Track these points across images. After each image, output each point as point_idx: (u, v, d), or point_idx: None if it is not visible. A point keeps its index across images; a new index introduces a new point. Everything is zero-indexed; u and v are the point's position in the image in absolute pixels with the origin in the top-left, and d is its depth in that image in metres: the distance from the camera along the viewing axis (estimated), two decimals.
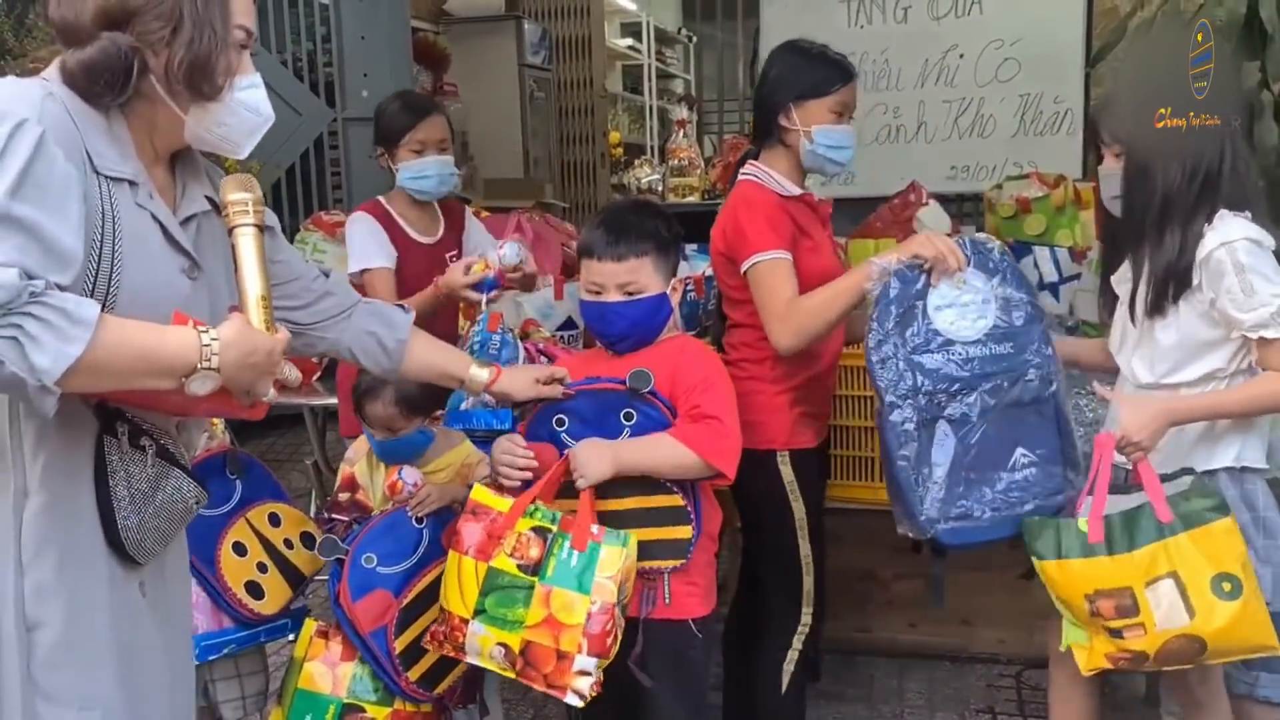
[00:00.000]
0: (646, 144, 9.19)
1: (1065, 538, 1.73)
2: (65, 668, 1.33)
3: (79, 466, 1.34)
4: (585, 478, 1.78)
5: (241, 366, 1.32)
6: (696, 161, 7.71)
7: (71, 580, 1.33)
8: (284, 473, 4.84)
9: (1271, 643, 1.68)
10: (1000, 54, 4.07)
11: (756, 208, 2.13)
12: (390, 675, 1.93)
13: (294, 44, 5.09)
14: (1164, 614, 1.65)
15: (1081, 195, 3.24)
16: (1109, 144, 1.91)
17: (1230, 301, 1.74)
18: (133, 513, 1.37)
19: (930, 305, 1.82)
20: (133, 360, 1.25)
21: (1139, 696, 2.75)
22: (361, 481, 2.21)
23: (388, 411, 2.08)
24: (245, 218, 1.43)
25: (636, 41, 8.95)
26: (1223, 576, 1.65)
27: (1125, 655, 1.70)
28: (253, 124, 1.45)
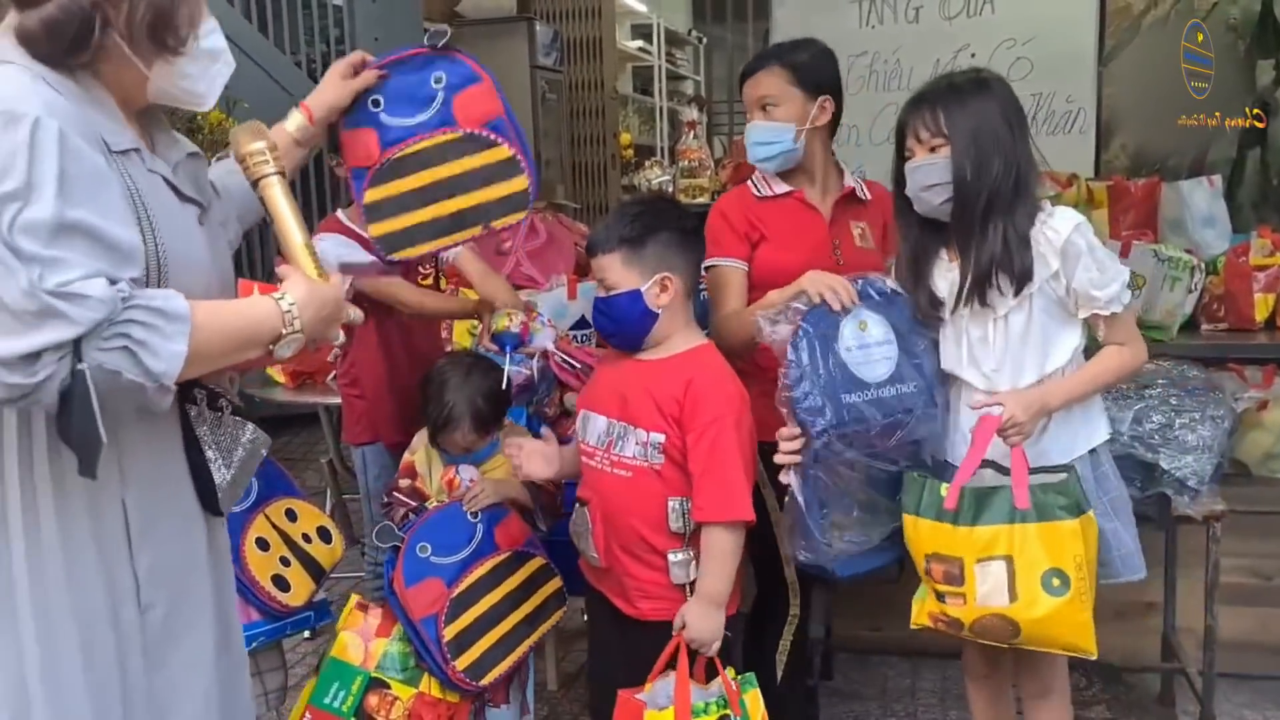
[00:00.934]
0: (657, 145, 9.20)
1: (927, 496, 1.79)
2: (180, 638, 1.37)
3: (168, 439, 1.36)
4: (705, 644, 1.83)
5: (318, 321, 1.36)
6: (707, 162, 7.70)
7: (178, 549, 1.37)
8: (299, 471, 4.86)
9: (1087, 646, 1.74)
10: (1012, 53, 4.07)
11: (717, 211, 2.22)
12: (438, 662, 1.97)
13: (308, 46, 5.11)
14: (986, 591, 1.72)
15: (1094, 194, 3.24)
16: (926, 139, 1.84)
17: (1089, 281, 1.79)
18: (225, 470, 1.41)
19: (841, 347, 1.83)
20: (227, 340, 1.27)
21: (1153, 696, 2.75)
22: (420, 470, 2.28)
23: (468, 439, 2.17)
24: (267, 166, 1.41)
25: (647, 43, 8.96)
26: (1054, 572, 1.70)
27: (944, 619, 1.78)
28: (216, 71, 1.40)
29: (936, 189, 1.84)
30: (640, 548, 1.89)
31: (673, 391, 1.85)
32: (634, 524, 1.89)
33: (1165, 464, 2.18)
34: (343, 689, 1.98)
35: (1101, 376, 1.86)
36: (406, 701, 1.99)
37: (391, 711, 1.98)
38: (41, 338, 1.10)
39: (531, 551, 2.18)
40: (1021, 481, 1.74)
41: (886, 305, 1.89)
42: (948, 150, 1.82)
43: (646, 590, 1.90)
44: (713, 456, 1.82)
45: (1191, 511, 2.21)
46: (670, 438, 1.85)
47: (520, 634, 2.11)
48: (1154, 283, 2.89)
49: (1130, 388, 2.34)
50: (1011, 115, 1.85)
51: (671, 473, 1.86)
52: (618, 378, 1.95)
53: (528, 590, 2.13)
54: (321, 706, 1.97)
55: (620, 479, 1.89)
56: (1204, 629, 2.34)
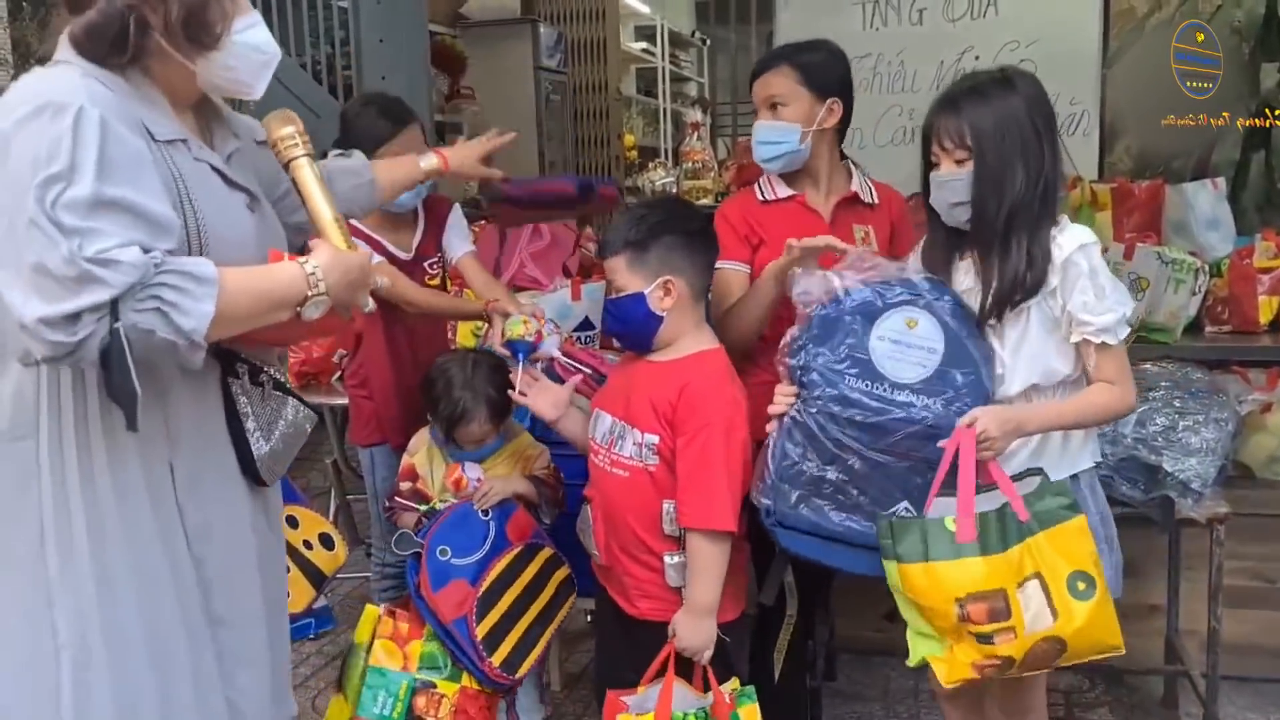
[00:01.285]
0: (661, 147, 9.20)
1: (933, 538, 1.65)
2: (229, 589, 1.48)
3: (212, 409, 1.47)
4: (695, 652, 1.84)
5: (344, 285, 1.44)
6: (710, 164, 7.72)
7: (224, 511, 1.48)
8: (303, 472, 4.86)
9: (1116, 642, 1.66)
10: (1016, 55, 4.05)
11: (721, 216, 2.21)
12: (474, 661, 2.01)
13: (313, 47, 5.11)
14: (1033, 616, 1.61)
15: (1098, 196, 3.24)
16: (951, 149, 1.78)
17: (1083, 305, 1.72)
18: (264, 441, 1.51)
19: (874, 331, 1.75)
20: (255, 301, 1.36)
21: (1156, 699, 2.75)
22: (421, 472, 2.29)
23: (484, 429, 2.18)
24: (298, 149, 1.53)
25: (651, 45, 8.97)
26: (1078, 575, 1.63)
27: (993, 662, 1.62)
28: (260, 62, 1.49)
29: (961, 207, 1.78)
30: (637, 548, 1.90)
31: (667, 394, 1.85)
32: (631, 524, 1.90)
33: (1169, 466, 2.18)
34: (390, 696, 2.00)
35: (1086, 413, 1.77)
36: (452, 698, 2.01)
37: (440, 709, 2.00)
38: (81, 300, 1.21)
39: (540, 543, 2.21)
40: (1012, 494, 1.67)
41: (951, 315, 1.77)
42: (972, 165, 1.76)
43: (645, 590, 1.91)
44: (698, 463, 1.82)
45: (1195, 514, 2.21)
46: (664, 440, 1.86)
47: (543, 623, 2.15)
48: (1158, 285, 2.89)
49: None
50: (1039, 119, 1.77)
51: (665, 475, 1.87)
52: (626, 378, 1.97)
53: (542, 580, 2.17)
54: (371, 716, 1.99)
55: (619, 478, 1.91)
56: (1207, 631, 2.34)
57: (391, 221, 2.56)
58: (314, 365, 3.45)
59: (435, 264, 2.61)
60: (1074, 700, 2.77)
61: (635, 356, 1.99)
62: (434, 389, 2.22)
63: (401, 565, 2.60)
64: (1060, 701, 2.77)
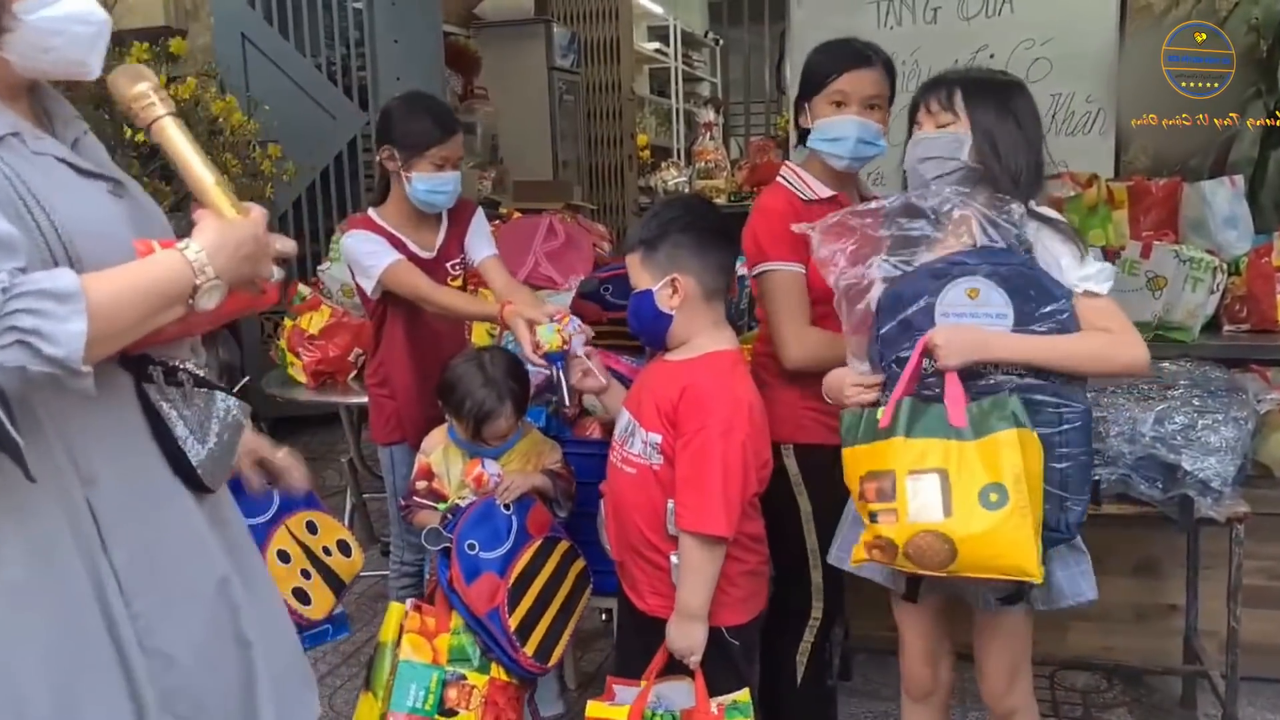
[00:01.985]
0: (674, 146, 9.22)
1: (863, 424, 1.69)
2: (167, 623, 1.31)
3: (129, 425, 1.30)
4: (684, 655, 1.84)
5: (238, 261, 1.28)
6: (723, 164, 7.74)
7: (167, 536, 1.32)
8: (319, 470, 4.88)
9: (1029, 567, 1.59)
10: (1031, 54, 4.04)
11: (769, 215, 2.15)
12: (508, 652, 2.02)
13: (328, 48, 5.13)
14: (918, 505, 1.60)
15: (1114, 195, 3.22)
16: (936, 111, 1.79)
17: (1065, 264, 1.73)
18: (200, 446, 1.36)
19: (938, 311, 1.71)
20: (135, 306, 1.19)
21: (1175, 699, 2.74)
22: (437, 470, 2.30)
23: (510, 424, 2.19)
24: (157, 108, 1.31)
25: (664, 45, 8.99)
26: (992, 486, 1.58)
27: (878, 543, 1.64)
28: (88, 35, 1.29)
29: (932, 162, 1.79)
30: (645, 545, 1.91)
31: (670, 394, 1.86)
32: (638, 521, 1.91)
33: (1188, 465, 2.17)
34: (421, 689, 2.00)
35: (1071, 352, 1.68)
36: (482, 689, 2.02)
37: (471, 701, 2.01)
38: None
39: (558, 535, 2.23)
40: (956, 401, 1.63)
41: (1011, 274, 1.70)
42: (956, 128, 1.78)
43: (655, 587, 1.92)
44: (694, 465, 1.82)
45: (1214, 513, 2.19)
46: (666, 439, 1.86)
47: (566, 612, 2.17)
48: (1175, 283, 2.88)
49: (1153, 388, 2.33)
50: (1028, 107, 1.81)
51: (668, 475, 1.87)
52: (645, 377, 1.99)
53: (562, 571, 2.19)
54: (405, 710, 1.99)
55: (628, 475, 1.92)
56: (1226, 631, 2.33)
57: (415, 220, 2.57)
58: (330, 364, 3.47)
59: (458, 265, 2.62)
60: (1091, 700, 2.76)
61: (657, 356, 2.01)
62: (455, 392, 2.23)
63: (419, 564, 2.61)
64: (1078, 701, 2.76)
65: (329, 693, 2.87)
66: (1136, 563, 2.76)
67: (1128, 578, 2.75)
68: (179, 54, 4.22)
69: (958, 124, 1.79)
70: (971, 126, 1.77)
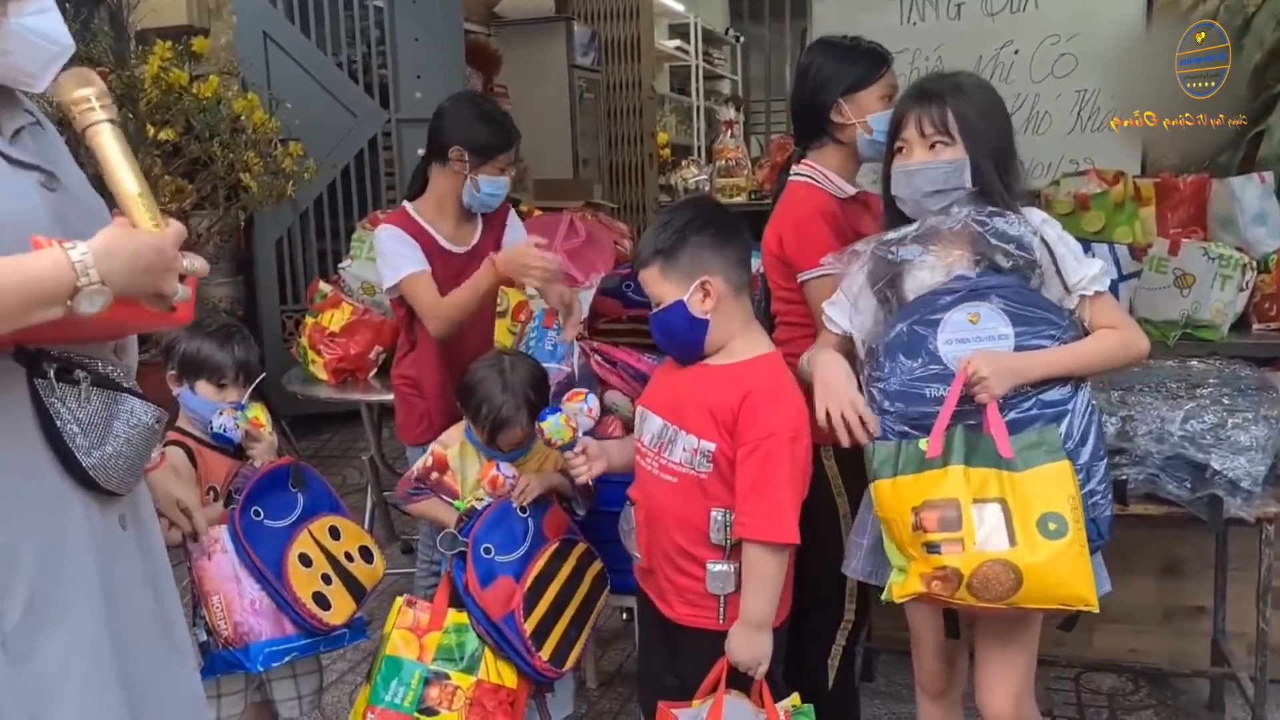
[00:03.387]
0: (694, 144, 9.20)
1: (904, 455, 1.67)
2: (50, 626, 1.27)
3: (15, 421, 1.26)
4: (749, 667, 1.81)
5: (133, 272, 1.24)
6: (743, 162, 7.71)
7: (43, 535, 1.28)
8: (340, 468, 4.90)
9: (1088, 596, 1.60)
10: (1056, 49, 4.01)
11: (817, 216, 2.12)
12: (524, 657, 2.00)
13: (349, 46, 5.14)
14: (985, 533, 1.60)
15: (1141, 191, 3.18)
16: (929, 134, 1.77)
17: (1072, 268, 1.74)
18: (93, 447, 1.32)
19: (940, 339, 1.72)
20: (6, 299, 1.15)
21: (1202, 702, 2.70)
22: (453, 466, 2.29)
23: (525, 432, 2.18)
24: (95, 114, 1.30)
25: (684, 43, 8.97)
26: (1050, 516, 1.59)
27: (940, 574, 1.60)
28: (48, 54, 1.30)
29: (935, 196, 1.77)
30: (679, 554, 1.88)
31: (729, 401, 1.81)
32: (675, 529, 1.87)
33: (1217, 464, 2.14)
34: (402, 685, 1.99)
35: (1096, 356, 1.74)
36: (467, 690, 2.00)
37: (454, 701, 1.99)
38: None
39: (575, 538, 2.22)
40: (1000, 432, 1.65)
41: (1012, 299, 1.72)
42: (952, 153, 1.76)
43: (684, 596, 1.89)
44: (762, 474, 1.78)
45: (1244, 513, 2.16)
46: (721, 447, 1.81)
47: (583, 616, 2.15)
48: (1204, 281, 2.84)
49: (1181, 387, 2.30)
50: (1006, 115, 1.84)
51: (716, 483, 1.83)
52: (678, 381, 1.92)
53: (579, 574, 2.17)
54: (383, 705, 1.98)
55: (666, 484, 1.88)
56: (1256, 633, 2.29)
57: (454, 216, 2.61)
58: (351, 362, 3.48)
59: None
60: (1117, 703, 2.73)
61: (676, 368, 1.95)
62: (473, 396, 2.22)
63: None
64: (1104, 704, 2.73)
65: (349, 690, 2.88)
66: (1164, 564, 2.73)
67: (1155, 579, 2.72)
68: (201, 52, 4.24)
69: (953, 148, 1.77)
70: (969, 150, 1.76)
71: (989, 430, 1.65)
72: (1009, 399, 1.68)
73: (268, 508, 2.10)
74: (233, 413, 2.11)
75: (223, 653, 2.04)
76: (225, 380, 2.14)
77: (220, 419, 2.11)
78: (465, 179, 2.54)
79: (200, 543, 1.98)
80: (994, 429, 1.65)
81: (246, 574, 2.03)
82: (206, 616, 2.05)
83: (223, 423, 2.11)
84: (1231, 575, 2.57)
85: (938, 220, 1.76)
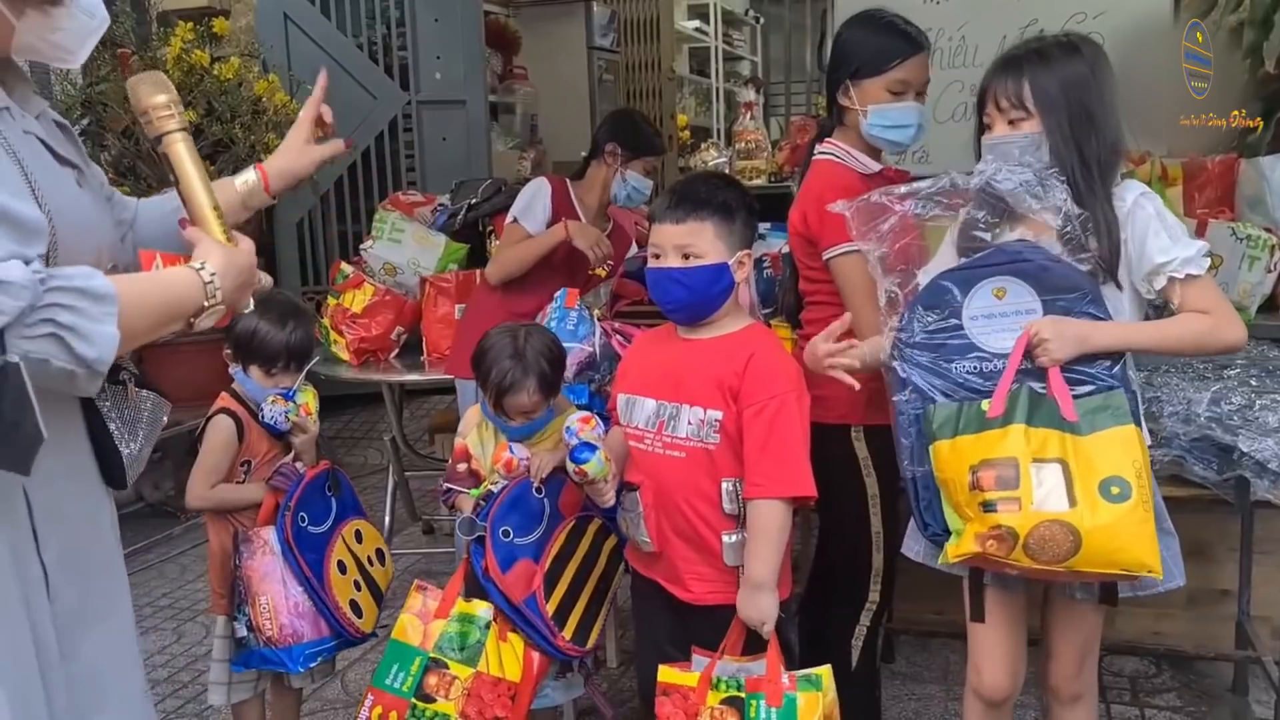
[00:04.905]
0: (713, 126, 9.16)
1: (965, 416, 1.64)
2: (93, 623, 1.31)
3: (69, 420, 1.29)
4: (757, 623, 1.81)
5: (237, 289, 1.29)
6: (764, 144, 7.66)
7: (86, 530, 1.31)
8: (360, 449, 4.94)
9: (1152, 563, 1.54)
10: (1083, 28, 3.90)
11: (836, 193, 2.07)
12: (547, 638, 2.01)
13: (369, 27, 5.14)
14: (1044, 493, 1.55)
15: (1169, 171, 3.15)
16: (1006, 108, 1.75)
17: (1160, 248, 1.69)
18: (131, 443, 1.37)
19: (966, 316, 1.70)
20: (152, 317, 1.20)
21: (1225, 685, 2.69)
22: (475, 452, 2.29)
23: (532, 400, 2.16)
24: (172, 122, 1.31)
25: (704, 24, 8.91)
26: (1113, 480, 1.55)
27: (995, 533, 1.56)
28: (89, 28, 1.29)
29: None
30: (692, 530, 1.88)
31: (733, 366, 1.83)
32: (687, 505, 1.87)
33: (1244, 446, 2.12)
34: (402, 670, 2.00)
35: (1170, 337, 1.70)
36: (465, 681, 2.00)
37: (450, 691, 2.00)
38: None
39: (590, 514, 2.20)
40: (1064, 396, 1.62)
41: (1038, 274, 1.68)
42: (1029, 125, 1.73)
43: (701, 573, 1.89)
44: (773, 432, 1.79)
45: (1271, 496, 2.14)
46: (728, 415, 1.83)
47: (601, 592, 2.14)
48: (1232, 261, 2.81)
49: (1208, 368, 2.28)
50: (1104, 85, 1.74)
51: (724, 453, 1.84)
52: (666, 359, 1.93)
53: (595, 550, 2.16)
54: (382, 687, 1.99)
55: (674, 460, 1.88)
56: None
57: (597, 206, 3.04)
58: (373, 342, 3.49)
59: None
60: (1140, 686, 2.72)
61: (665, 338, 1.96)
62: (484, 359, 2.21)
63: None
64: (1126, 687, 2.72)
65: (371, 667, 2.90)
66: (1189, 546, 2.65)
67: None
68: (222, 34, 4.25)
69: (1030, 121, 1.74)
70: (1044, 126, 1.72)
71: (1053, 394, 1.63)
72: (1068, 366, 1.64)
73: (310, 513, 2.14)
74: (284, 404, 2.14)
75: (264, 650, 2.09)
76: (277, 368, 2.17)
77: (271, 410, 2.14)
78: (616, 171, 2.97)
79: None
80: (1057, 392, 1.62)
81: (291, 577, 2.08)
82: (250, 614, 2.09)
83: (273, 415, 2.14)
84: (1257, 558, 2.55)
85: (959, 177, 1.73)
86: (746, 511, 1.83)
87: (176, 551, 4.00)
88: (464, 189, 3.89)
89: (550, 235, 2.88)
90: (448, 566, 3.57)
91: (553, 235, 2.87)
